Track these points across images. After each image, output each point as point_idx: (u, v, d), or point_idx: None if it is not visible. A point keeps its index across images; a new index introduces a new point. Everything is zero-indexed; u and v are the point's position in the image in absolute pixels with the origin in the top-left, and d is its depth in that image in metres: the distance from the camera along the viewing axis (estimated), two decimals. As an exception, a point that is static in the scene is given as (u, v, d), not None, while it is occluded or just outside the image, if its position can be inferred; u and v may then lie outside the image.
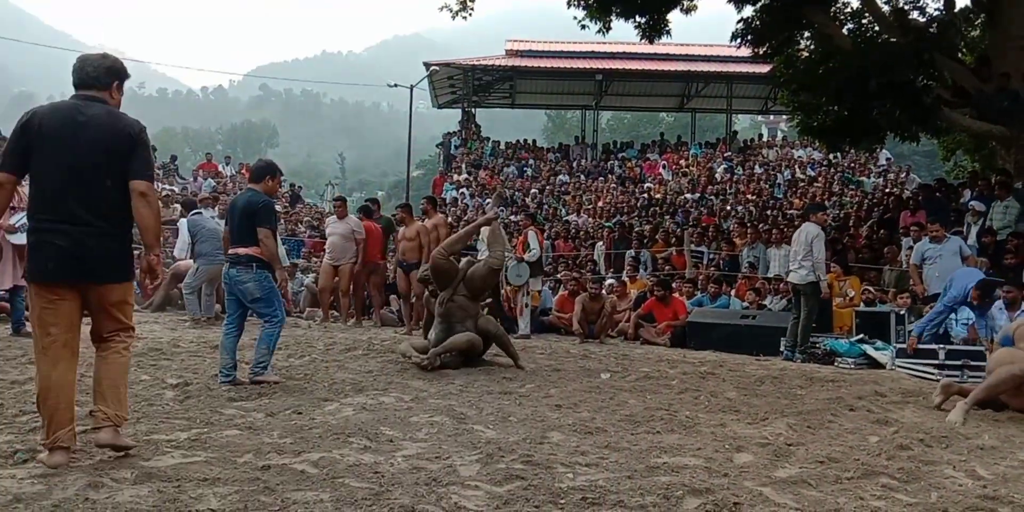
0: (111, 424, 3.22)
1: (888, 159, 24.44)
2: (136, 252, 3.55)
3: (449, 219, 16.95)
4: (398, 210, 10.31)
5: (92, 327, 3.38)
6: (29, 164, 3.21)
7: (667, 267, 12.58)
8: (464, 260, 7.17)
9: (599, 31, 14.82)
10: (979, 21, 14.41)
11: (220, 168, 24.29)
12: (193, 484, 2.89)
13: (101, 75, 3.36)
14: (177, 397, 4.70)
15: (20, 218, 7.21)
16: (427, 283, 7.02)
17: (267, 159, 6.05)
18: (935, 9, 13.89)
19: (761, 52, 14.47)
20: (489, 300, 7.36)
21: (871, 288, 9.40)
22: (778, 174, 23.12)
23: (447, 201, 21.50)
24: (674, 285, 10.80)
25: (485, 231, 7.60)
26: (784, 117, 33.74)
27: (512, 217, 18.90)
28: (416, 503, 2.74)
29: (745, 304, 9.96)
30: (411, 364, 6.24)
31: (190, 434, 3.74)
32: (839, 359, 7.80)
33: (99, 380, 3.31)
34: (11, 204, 6.97)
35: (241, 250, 5.32)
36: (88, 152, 3.19)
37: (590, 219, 19.11)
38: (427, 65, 27.35)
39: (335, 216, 10.37)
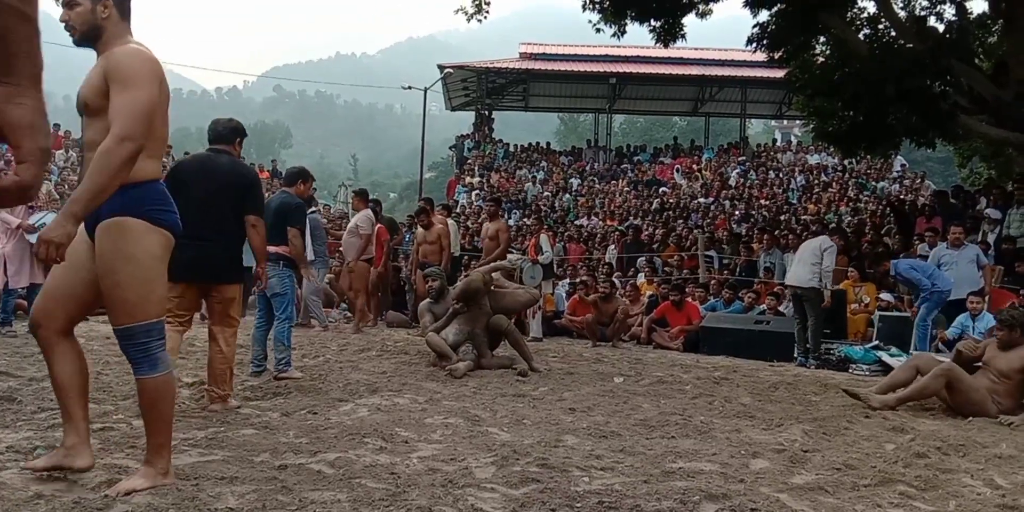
0: (221, 400, 4.35)
1: (903, 165, 24.30)
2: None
3: (468, 221, 17.01)
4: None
5: (209, 320, 4.51)
6: (177, 197, 3.54)
7: (685, 271, 12.55)
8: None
9: (614, 35, 14.84)
10: (996, 27, 14.34)
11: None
12: (211, 483, 2.89)
13: (228, 134, 4.53)
14: (193, 396, 4.73)
15: (40, 218, 7.28)
16: (431, 279, 7.36)
17: (300, 166, 6.63)
18: (952, 15, 13.85)
19: (776, 57, 14.44)
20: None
21: (888, 298, 9.33)
22: (792, 179, 23.03)
23: (459, 203, 21.54)
24: (687, 290, 10.76)
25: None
26: (798, 122, 33.66)
27: (526, 220, 18.89)
28: (433, 504, 2.74)
29: (762, 307, 9.92)
30: (433, 360, 6.38)
31: (207, 433, 3.75)
32: (854, 366, 7.77)
33: (212, 366, 4.39)
34: (31, 204, 7.11)
35: (271, 248, 5.66)
36: (216, 190, 4.32)
37: (600, 222, 19.08)
38: (441, 67, 27.42)
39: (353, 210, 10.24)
